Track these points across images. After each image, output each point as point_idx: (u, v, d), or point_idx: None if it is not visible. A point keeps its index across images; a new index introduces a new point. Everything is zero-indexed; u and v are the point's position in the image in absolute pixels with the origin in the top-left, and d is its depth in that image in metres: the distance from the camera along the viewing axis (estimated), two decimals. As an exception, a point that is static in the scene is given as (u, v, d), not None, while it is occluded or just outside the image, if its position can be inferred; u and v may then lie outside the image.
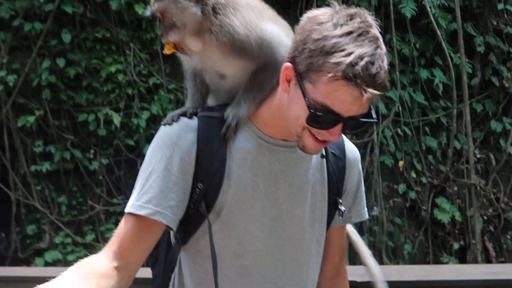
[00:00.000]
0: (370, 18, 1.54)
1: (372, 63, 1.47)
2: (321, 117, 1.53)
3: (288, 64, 1.60)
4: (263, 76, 1.80)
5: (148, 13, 1.83)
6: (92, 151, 5.65)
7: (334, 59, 1.46)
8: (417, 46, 6.48)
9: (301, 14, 1.63)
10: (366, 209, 1.93)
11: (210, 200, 1.65)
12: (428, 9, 6.17)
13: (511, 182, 6.77)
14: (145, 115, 5.64)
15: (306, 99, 1.54)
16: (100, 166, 5.63)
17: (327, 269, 1.92)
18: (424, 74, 6.44)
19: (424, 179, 6.34)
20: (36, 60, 5.56)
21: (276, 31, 1.80)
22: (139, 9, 5.52)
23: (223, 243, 1.69)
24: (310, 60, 1.51)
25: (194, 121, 1.68)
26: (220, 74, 1.84)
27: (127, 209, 1.61)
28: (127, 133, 5.71)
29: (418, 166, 6.35)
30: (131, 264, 1.61)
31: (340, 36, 1.48)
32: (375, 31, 1.53)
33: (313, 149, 1.62)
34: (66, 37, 5.50)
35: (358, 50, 1.46)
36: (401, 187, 6.24)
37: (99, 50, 5.65)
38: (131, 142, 5.67)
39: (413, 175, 6.32)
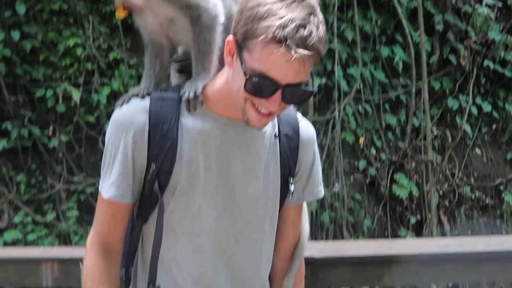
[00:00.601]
0: None
1: (304, 27, 1.53)
2: (258, 83, 1.57)
3: (230, 37, 1.66)
4: (204, 36, 1.83)
5: None
6: (51, 128, 5.49)
7: (266, 22, 1.53)
8: (379, 23, 6.55)
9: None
10: (321, 187, 1.98)
11: (163, 180, 1.72)
12: (390, -14, 6.23)
13: (466, 159, 7.04)
14: (105, 91, 5.51)
15: (243, 66, 1.60)
16: (59, 144, 5.49)
17: (282, 248, 1.97)
18: (385, 51, 6.53)
19: (383, 156, 6.50)
20: (-11, 32, 5.32)
21: None
22: (98, -19, 5.34)
23: (179, 222, 1.76)
24: (246, 27, 1.58)
25: (146, 102, 1.73)
26: (169, 18, 1.88)
27: (99, 192, 1.76)
28: (87, 109, 5.57)
29: (378, 143, 6.50)
30: (116, 243, 1.79)
31: (274, 2, 1.55)
32: (310, 3, 1.58)
33: (257, 122, 1.66)
34: (21, 8, 5.26)
35: (289, 14, 1.53)
36: (362, 164, 6.38)
37: (56, 23, 5.44)
38: (91, 119, 5.54)
39: (373, 151, 6.47)
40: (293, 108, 1.92)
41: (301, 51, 1.52)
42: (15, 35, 5.27)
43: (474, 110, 7.02)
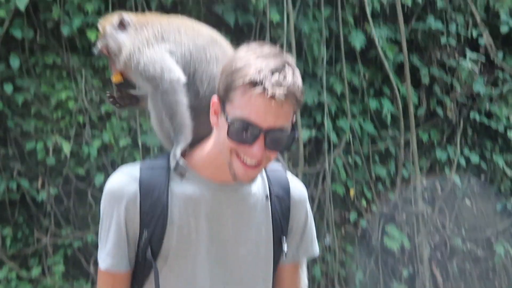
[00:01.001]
0: (281, 50, 1.76)
1: (278, 72, 1.65)
2: (239, 128, 1.64)
3: (214, 97, 1.77)
4: (165, 100, 1.99)
5: (96, 51, 2.23)
6: (40, 180, 5.44)
7: (243, 72, 1.65)
8: (366, 76, 6.69)
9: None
10: (315, 245, 2.03)
11: (156, 246, 1.78)
12: (376, 41, 6.40)
13: (456, 210, 7.04)
14: (96, 143, 5.50)
15: (225, 115, 1.68)
16: (48, 197, 5.42)
17: None
18: (373, 104, 6.63)
19: (374, 207, 6.50)
20: (-19, 86, 5.34)
21: (153, 54, 2.06)
22: (91, 35, 5.42)
23: (173, 286, 1.80)
24: (226, 81, 1.69)
25: (137, 172, 1.83)
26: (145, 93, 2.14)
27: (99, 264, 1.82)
28: (77, 161, 5.54)
29: (369, 195, 6.50)
30: None
31: (250, 57, 1.68)
32: (287, 58, 1.72)
33: (244, 174, 1.71)
34: (15, 62, 5.31)
35: (265, 63, 1.65)
36: (352, 215, 6.36)
37: (49, 77, 5.48)
38: (81, 171, 5.50)
39: (364, 203, 6.46)
40: (282, 169, 2.00)
41: (277, 90, 1.61)
42: (8, 88, 5.29)
43: (463, 161, 7.09)
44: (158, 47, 2.08)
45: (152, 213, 1.76)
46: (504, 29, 7.42)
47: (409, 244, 6.46)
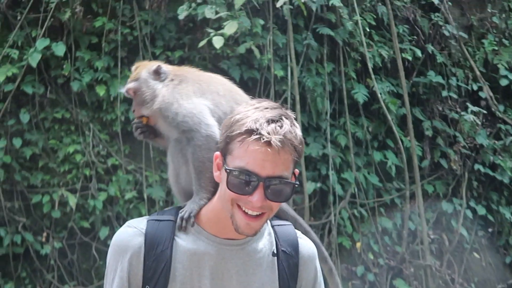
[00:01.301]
0: (280, 104, 1.77)
1: (275, 121, 1.66)
2: (238, 178, 1.64)
3: (217, 152, 1.76)
4: (197, 155, 2.00)
5: (123, 91, 2.28)
6: (44, 234, 5.41)
7: (241, 122, 1.67)
8: (370, 129, 6.73)
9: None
10: None
11: None
12: (379, 95, 6.48)
13: (464, 263, 6.90)
14: (102, 196, 5.50)
15: (225, 167, 1.68)
16: (52, 250, 5.37)
17: None
18: (377, 156, 6.65)
19: (381, 261, 6.38)
20: (-9, 140, 5.41)
21: (192, 106, 2.10)
22: (100, 91, 5.54)
23: None
24: (225, 134, 1.71)
25: (143, 225, 1.81)
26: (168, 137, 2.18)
27: None
28: (82, 215, 5.53)
29: (375, 247, 6.40)
30: None
31: (248, 110, 1.71)
32: (285, 111, 1.73)
33: (246, 226, 1.68)
34: (25, 117, 5.41)
35: (262, 113, 1.68)
36: (359, 269, 6.24)
37: (57, 130, 5.57)
38: (86, 225, 5.48)
39: (371, 256, 6.35)
40: (292, 226, 1.96)
41: (273, 137, 1.62)
42: (17, 142, 5.36)
43: (469, 214, 7.01)
44: (198, 101, 2.11)
45: (155, 267, 1.74)
46: (503, 82, 7.54)
47: (418, 298, 6.30)
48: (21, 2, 5.54)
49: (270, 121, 1.65)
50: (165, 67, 2.25)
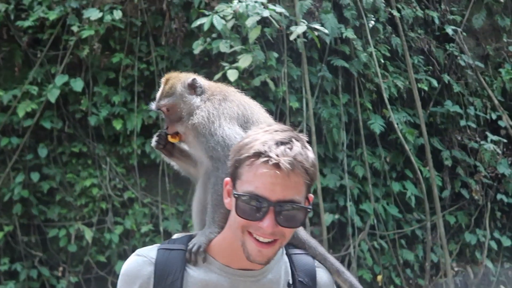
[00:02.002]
0: (291, 128, 1.69)
1: (284, 144, 1.58)
2: (248, 203, 1.55)
3: (227, 179, 1.69)
4: (216, 188, 1.87)
5: (153, 107, 2.10)
6: (60, 268, 5.32)
7: (250, 145, 1.60)
8: (388, 160, 6.58)
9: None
10: None
11: None
12: (395, 125, 6.36)
13: (491, 296, 6.59)
14: (118, 229, 5.43)
15: (234, 192, 1.60)
16: (68, 285, 5.28)
17: None
18: (396, 187, 6.47)
19: (404, 294, 6.12)
20: (10, 175, 5.42)
21: (231, 134, 1.93)
22: (117, 125, 5.55)
23: None
24: (235, 157, 1.63)
25: (153, 253, 1.72)
26: (199, 160, 2.01)
27: None
28: (98, 249, 5.44)
29: (397, 280, 6.14)
30: None
31: (257, 133, 1.64)
32: (296, 133, 1.65)
33: (258, 254, 1.59)
34: (43, 152, 5.42)
35: (270, 136, 1.60)
36: (381, 303, 5.99)
37: (74, 164, 5.56)
38: (102, 259, 5.39)
39: (393, 289, 6.10)
40: (308, 255, 1.86)
41: (282, 159, 1.53)
42: (35, 177, 5.36)
43: (494, 245, 6.73)
44: (238, 131, 1.95)
45: None
46: (523, 110, 7.37)
47: (444, 334, 5.99)
48: (41, 40, 5.64)
49: (279, 143, 1.57)
50: (200, 80, 2.09)
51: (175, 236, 1.89)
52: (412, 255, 6.29)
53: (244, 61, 5.53)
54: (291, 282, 1.74)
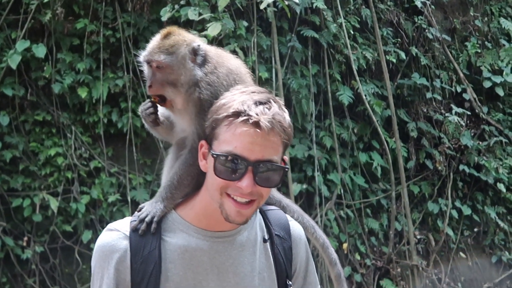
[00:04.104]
0: (268, 91, 1.64)
1: (263, 103, 1.53)
2: (226, 164, 1.51)
3: (202, 141, 1.64)
4: (186, 158, 1.75)
5: (142, 59, 1.82)
6: (25, 238, 5.08)
7: (228, 105, 1.55)
8: (355, 131, 6.49)
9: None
10: (318, 286, 1.84)
11: None
12: (364, 96, 6.24)
13: (451, 263, 6.64)
14: (85, 199, 5.20)
15: (212, 152, 1.54)
16: (33, 255, 5.05)
17: None
18: (363, 157, 6.40)
19: (368, 261, 6.09)
20: (-30, 144, 5.11)
21: None
22: (82, 93, 5.26)
23: None
24: (211, 119, 1.58)
25: (127, 227, 1.65)
26: (183, 130, 1.83)
27: None
28: (64, 218, 5.21)
29: (362, 248, 6.12)
30: None
31: (235, 94, 1.60)
32: (272, 95, 1.60)
33: (237, 214, 1.55)
34: (4, 120, 5.11)
35: (249, 96, 1.56)
36: (347, 270, 5.95)
37: (38, 133, 5.27)
38: (68, 228, 5.16)
39: (358, 257, 6.07)
40: (281, 211, 1.83)
41: (262, 118, 1.49)
42: (-4, 146, 5.06)
43: (455, 214, 6.77)
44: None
45: (144, 270, 1.58)
46: (487, 84, 7.33)
47: (406, 299, 6.03)
48: (0, 3, 5.26)
49: (258, 103, 1.53)
50: (204, 47, 1.81)
51: (142, 206, 1.77)
52: (377, 223, 6.26)
53: (213, 30, 5.27)
54: (266, 237, 1.72)
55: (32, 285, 5.09)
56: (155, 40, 1.84)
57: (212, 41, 5.47)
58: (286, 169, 1.58)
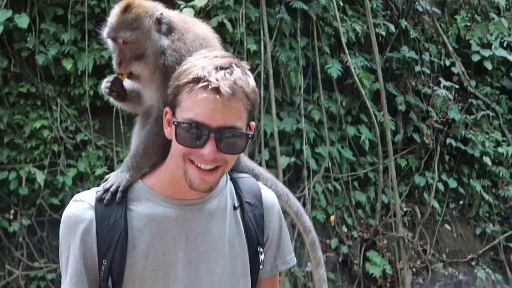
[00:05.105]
0: (232, 54, 1.59)
1: (224, 68, 1.48)
2: (188, 131, 1.48)
3: (166, 108, 1.59)
4: (152, 129, 1.71)
5: (105, 36, 1.76)
6: (12, 211, 5.01)
7: (189, 71, 1.50)
8: (344, 104, 6.42)
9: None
10: (292, 254, 1.81)
11: (118, 274, 1.57)
12: (352, 70, 6.15)
13: (436, 235, 6.69)
14: (71, 172, 5.11)
15: (173, 119, 1.51)
16: (20, 228, 4.99)
17: None
18: (351, 131, 6.35)
19: (355, 233, 6.11)
20: (-46, 116, 4.97)
21: None
22: (67, 64, 5.12)
23: None
24: (173, 85, 1.53)
25: (92, 197, 1.62)
26: (150, 98, 1.77)
27: None
28: (51, 191, 5.13)
29: (349, 221, 6.13)
30: None
31: (197, 59, 1.54)
32: (236, 60, 1.55)
33: (200, 181, 1.53)
34: (-13, 92, 4.98)
35: (210, 61, 1.50)
36: (333, 242, 5.96)
37: (23, 105, 5.13)
38: (55, 201, 5.09)
39: (345, 229, 6.08)
40: (253, 178, 1.80)
41: (222, 84, 1.44)
42: (-20, 118, 4.93)
43: (441, 187, 6.78)
44: None
45: (110, 239, 1.56)
46: (475, 58, 7.26)
47: (391, 269, 6.06)
48: (-20, -29, 5.06)
49: (218, 68, 1.48)
50: (167, 14, 1.74)
51: (107, 176, 1.73)
52: (364, 196, 6.26)
53: (201, 0, 5.15)
54: (236, 205, 1.69)
55: (20, 258, 5.04)
56: (116, 14, 1.74)
57: (200, 12, 5.33)
58: (250, 135, 1.54)
